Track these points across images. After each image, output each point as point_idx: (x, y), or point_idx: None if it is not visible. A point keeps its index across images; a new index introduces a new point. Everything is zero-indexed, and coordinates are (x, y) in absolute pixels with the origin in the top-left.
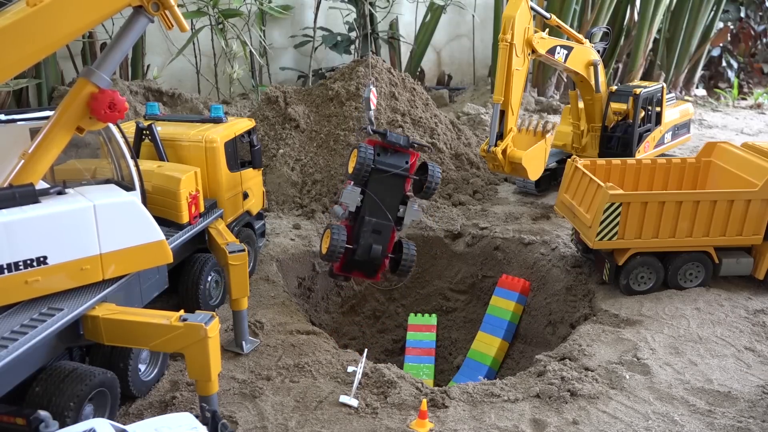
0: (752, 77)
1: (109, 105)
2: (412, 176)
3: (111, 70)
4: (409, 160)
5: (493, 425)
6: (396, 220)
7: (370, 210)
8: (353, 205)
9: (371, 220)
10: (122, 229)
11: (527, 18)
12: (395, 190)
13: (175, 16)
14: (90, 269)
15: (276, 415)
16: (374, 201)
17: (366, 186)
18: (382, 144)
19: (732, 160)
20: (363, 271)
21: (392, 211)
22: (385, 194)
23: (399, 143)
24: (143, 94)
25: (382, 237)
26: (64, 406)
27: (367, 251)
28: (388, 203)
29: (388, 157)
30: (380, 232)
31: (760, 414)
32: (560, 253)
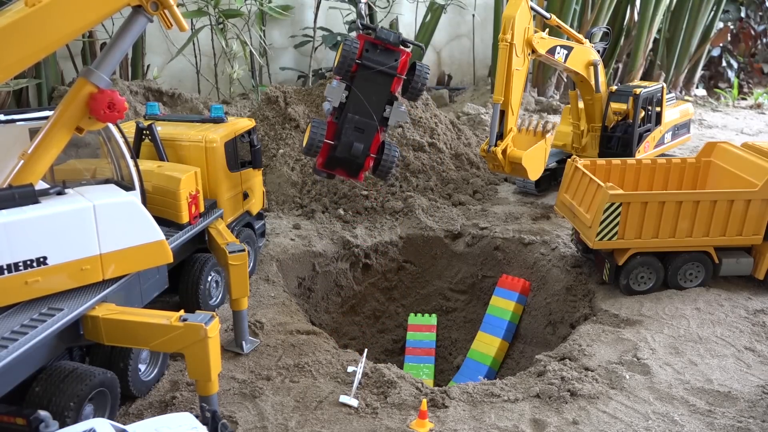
0: (752, 77)
1: (108, 105)
2: (400, 75)
3: (110, 70)
4: (399, 58)
5: (493, 425)
6: (381, 120)
7: (354, 107)
8: (336, 101)
9: (354, 117)
10: (122, 229)
11: (527, 18)
12: (382, 88)
13: (175, 16)
14: (90, 269)
15: (276, 415)
16: (359, 98)
17: (352, 83)
18: (372, 40)
19: (732, 160)
20: (345, 170)
21: (378, 111)
22: (371, 92)
23: (389, 40)
24: (143, 94)
25: (364, 135)
26: (64, 406)
27: (347, 148)
28: (374, 102)
29: (376, 54)
30: (363, 130)
31: (760, 414)
32: (560, 253)
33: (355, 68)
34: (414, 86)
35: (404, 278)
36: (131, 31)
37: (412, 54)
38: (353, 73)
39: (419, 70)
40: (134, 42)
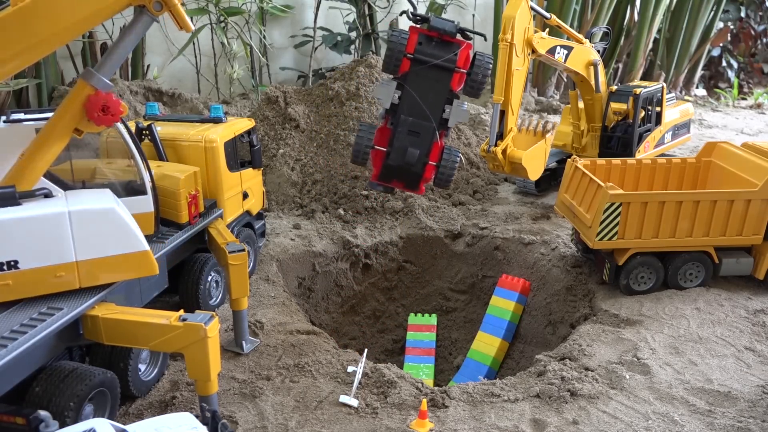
0: (752, 77)
1: (102, 108)
2: (460, 69)
3: (111, 72)
4: (458, 50)
5: (493, 425)
6: (439, 122)
7: (408, 108)
8: (387, 101)
9: (407, 119)
10: (100, 237)
11: (527, 18)
12: (439, 85)
13: (179, 16)
14: (65, 276)
15: (276, 415)
16: (413, 97)
17: (405, 80)
18: (426, 32)
19: (732, 160)
20: (403, 181)
21: (435, 111)
22: (427, 90)
23: (445, 30)
24: (143, 94)
25: (420, 140)
26: (64, 406)
27: (401, 155)
28: (431, 101)
29: (432, 47)
30: (418, 133)
31: (760, 414)
32: (560, 253)
33: (408, 64)
34: (474, 79)
35: (404, 278)
36: (134, 32)
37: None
38: (406, 69)
39: (480, 60)
40: (135, 43)
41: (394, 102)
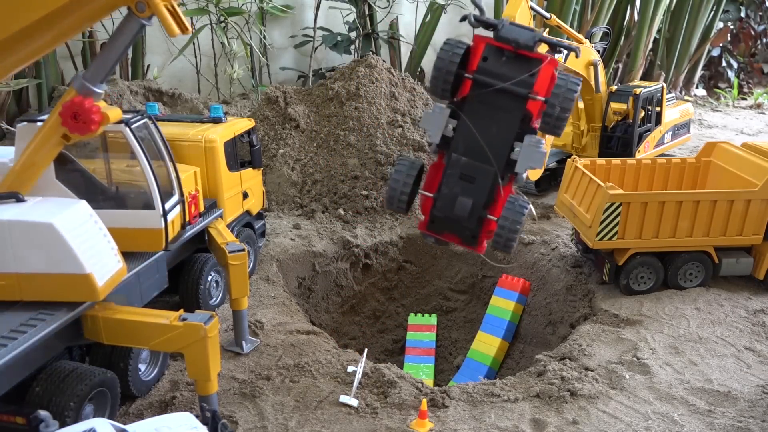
0: (752, 77)
1: (73, 115)
2: (537, 97)
3: (97, 76)
4: (536, 71)
5: (493, 425)
6: (504, 165)
7: (463, 145)
8: (436, 135)
9: (459, 160)
10: (37, 252)
11: (527, 18)
12: (508, 117)
13: (162, 18)
14: (6, 286)
15: (276, 415)
16: (470, 131)
17: (462, 108)
18: (496, 43)
19: (732, 160)
20: (458, 235)
21: (500, 150)
22: (490, 123)
23: (518, 42)
24: (143, 94)
25: (475, 187)
26: (64, 406)
27: (449, 205)
28: (494, 136)
29: (501, 65)
30: (473, 178)
31: (760, 414)
32: (560, 253)
33: (468, 86)
34: (549, 112)
35: (404, 278)
36: (122, 36)
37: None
38: (465, 93)
39: (561, 84)
40: (126, 46)
41: (447, 134)
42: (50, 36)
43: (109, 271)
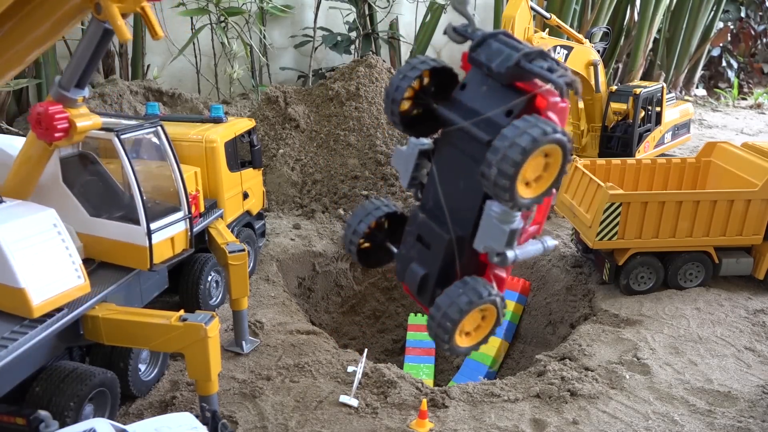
0: (752, 77)
1: (36, 121)
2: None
3: (71, 81)
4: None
5: (493, 425)
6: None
7: (433, 197)
8: (404, 178)
9: (417, 217)
10: None
11: (527, 18)
12: (476, 169)
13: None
14: None
15: (276, 415)
16: (434, 181)
17: (437, 147)
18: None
19: (732, 160)
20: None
21: (468, 210)
22: (458, 173)
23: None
24: (143, 94)
25: (430, 255)
26: (64, 406)
27: (401, 271)
28: (460, 192)
29: (478, 96)
30: (429, 244)
31: (760, 414)
32: (560, 253)
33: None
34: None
35: None
36: (86, 39)
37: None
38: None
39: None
40: (95, 50)
41: (420, 178)
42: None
43: (57, 287)
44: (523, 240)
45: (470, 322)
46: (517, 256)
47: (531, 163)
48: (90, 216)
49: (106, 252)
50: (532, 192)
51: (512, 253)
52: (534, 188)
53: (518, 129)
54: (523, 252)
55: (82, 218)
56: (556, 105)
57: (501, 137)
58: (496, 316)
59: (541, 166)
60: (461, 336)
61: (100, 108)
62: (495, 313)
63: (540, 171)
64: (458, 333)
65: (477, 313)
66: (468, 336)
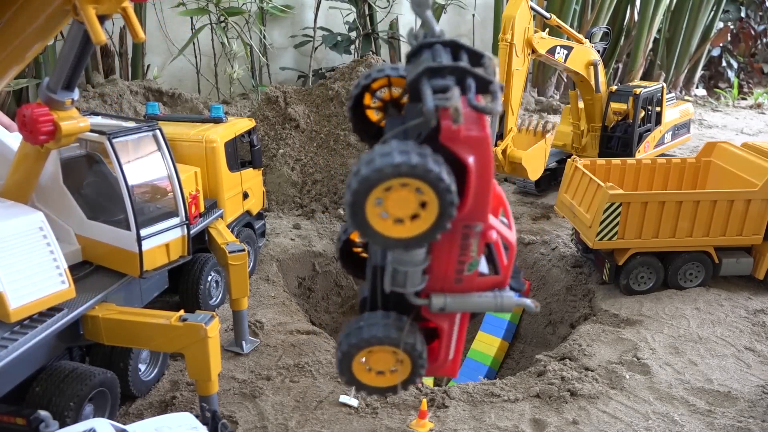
0: (752, 77)
1: (22, 123)
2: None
3: (57, 83)
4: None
5: (493, 425)
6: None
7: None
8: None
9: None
10: None
11: (527, 18)
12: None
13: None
14: None
15: (276, 415)
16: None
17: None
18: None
19: (732, 160)
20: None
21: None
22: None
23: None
24: (143, 94)
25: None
26: (64, 406)
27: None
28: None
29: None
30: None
31: (760, 414)
32: (560, 253)
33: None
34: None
35: None
36: (69, 39)
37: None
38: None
39: (355, 166)
40: (79, 52)
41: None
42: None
43: (38, 292)
44: (475, 288)
45: (379, 361)
46: (447, 305)
47: (393, 197)
48: (87, 218)
49: (102, 256)
50: (406, 231)
51: (439, 300)
52: (409, 227)
53: (371, 154)
54: (459, 302)
55: (80, 220)
56: (454, 133)
57: (358, 160)
58: (411, 368)
59: (414, 202)
60: (369, 373)
61: (100, 108)
62: (409, 362)
63: (414, 208)
64: (362, 369)
65: (388, 354)
66: (380, 375)
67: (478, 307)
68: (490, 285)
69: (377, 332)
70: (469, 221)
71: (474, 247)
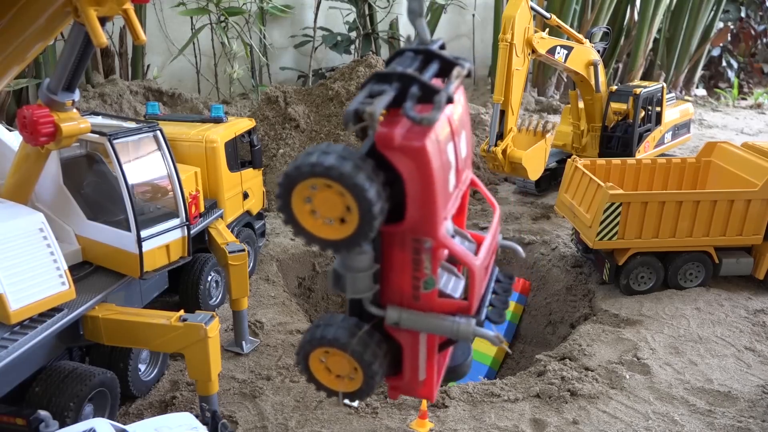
0: (752, 77)
1: (22, 125)
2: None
3: (57, 84)
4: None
5: (493, 425)
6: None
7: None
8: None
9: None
10: None
11: (527, 18)
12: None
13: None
14: None
15: (276, 415)
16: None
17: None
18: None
19: (732, 160)
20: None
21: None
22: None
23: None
24: (143, 94)
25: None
26: (64, 406)
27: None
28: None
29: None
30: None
31: (760, 414)
32: (560, 253)
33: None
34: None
35: None
36: (69, 40)
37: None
38: None
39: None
40: (79, 53)
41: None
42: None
43: (38, 293)
44: (436, 308)
45: (336, 364)
46: (402, 320)
47: (320, 196)
48: (87, 219)
49: (102, 256)
50: (334, 233)
51: (394, 314)
52: (337, 229)
53: (304, 153)
54: (414, 319)
55: (80, 221)
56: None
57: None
58: (363, 378)
59: (339, 204)
60: (329, 374)
61: (100, 108)
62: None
63: (341, 210)
64: (321, 368)
65: (344, 359)
66: (339, 379)
67: (432, 329)
68: (454, 309)
69: (328, 333)
70: (416, 235)
71: (427, 264)
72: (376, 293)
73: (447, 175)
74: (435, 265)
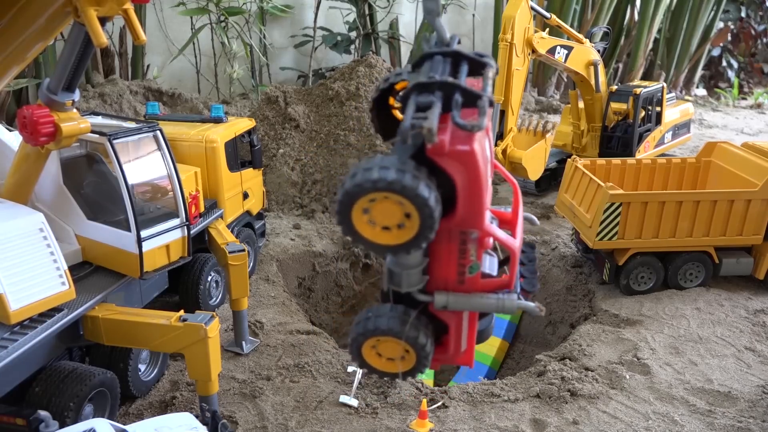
0: (752, 77)
1: (22, 125)
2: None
3: (57, 84)
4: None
5: (493, 425)
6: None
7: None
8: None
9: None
10: None
11: (527, 18)
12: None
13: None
14: None
15: (276, 415)
16: None
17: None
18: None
19: (732, 160)
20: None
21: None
22: None
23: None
24: (143, 94)
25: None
26: (64, 406)
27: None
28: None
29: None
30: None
31: (760, 414)
32: (560, 253)
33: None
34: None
35: None
36: (69, 40)
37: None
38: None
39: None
40: (79, 53)
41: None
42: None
43: (38, 294)
44: (479, 288)
45: (387, 349)
46: (449, 304)
47: (378, 207)
48: (87, 219)
49: (102, 256)
50: (393, 239)
51: (442, 299)
52: (395, 235)
53: (356, 167)
54: (461, 301)
55: (80, 221)
56: (438, 148)
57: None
58: (416, 358)
59: (398, 212)
60: (380, 358)
61: (100, 108)
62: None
63: (399, 218)
64: (373, 355)
65: (395, 344)
66: (391, 361)
67: (480, 307)
68: (495, 286)
69: (381, 324)
70: (464, 228)
71: (473, 252)
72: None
73: (487, 170)
74: (480, 252)
